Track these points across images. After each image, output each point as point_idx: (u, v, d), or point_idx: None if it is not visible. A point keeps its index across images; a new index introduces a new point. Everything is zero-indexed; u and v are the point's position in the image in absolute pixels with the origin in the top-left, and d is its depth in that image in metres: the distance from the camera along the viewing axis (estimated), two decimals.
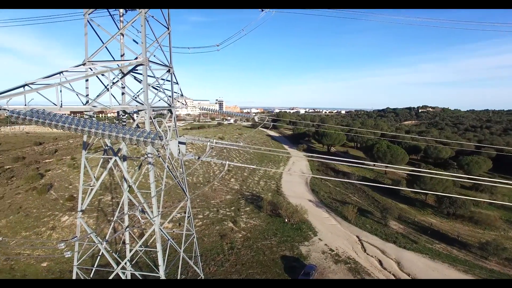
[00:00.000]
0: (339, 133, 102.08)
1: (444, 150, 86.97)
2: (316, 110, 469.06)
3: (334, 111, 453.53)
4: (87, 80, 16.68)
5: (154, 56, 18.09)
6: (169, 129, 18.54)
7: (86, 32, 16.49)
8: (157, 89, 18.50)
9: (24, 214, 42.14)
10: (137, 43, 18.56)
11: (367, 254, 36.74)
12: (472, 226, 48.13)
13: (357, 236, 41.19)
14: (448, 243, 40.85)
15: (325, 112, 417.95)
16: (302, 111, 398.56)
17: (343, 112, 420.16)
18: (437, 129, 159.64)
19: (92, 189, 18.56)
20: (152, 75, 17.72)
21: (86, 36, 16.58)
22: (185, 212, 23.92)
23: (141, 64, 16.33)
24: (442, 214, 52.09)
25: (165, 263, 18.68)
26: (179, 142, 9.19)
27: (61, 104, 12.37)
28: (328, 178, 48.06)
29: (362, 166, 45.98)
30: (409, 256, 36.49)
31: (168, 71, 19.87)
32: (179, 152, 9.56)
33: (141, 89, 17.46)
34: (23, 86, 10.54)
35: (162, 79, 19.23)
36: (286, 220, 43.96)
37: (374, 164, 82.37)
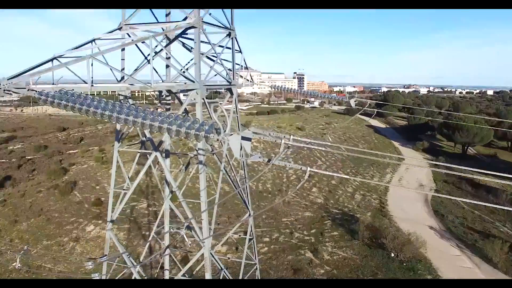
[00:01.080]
0: (481, 127, 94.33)
1: None
2: (445, 90, 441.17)
3: (474, 91, 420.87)
4: (123, 50, 17.89)
5: (210, 15, 18.37)
6: (228, 117, 19.17)
7: None
8: (213, 60, 19.09)
9: (45, 218, 48.27)
10: None
11: None
12: None
13: None
14: None
15: (460, 92, 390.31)
16: (423, 91, 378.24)
17: (489, 92, 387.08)
18: None
19: (125, 193, 20.20)
20: (207, 41, 18.37)
21: None
22: (245, 233, 24.63)
23: (193, 27, 16.95)
24: None
25: None
26: (242, 138, 9.18)
27: (92, 80, 13.58)
28: (462, 199, 44.75)
29: None
30: None
31: (229, 35, 20.32)
32: (242, 149, 9.49)
33: (192, 59, 18.21)
34: (51, 60, 11.92)
35: (220, 46, 19.79)
36: (393, 255, 42.59)
37: None
